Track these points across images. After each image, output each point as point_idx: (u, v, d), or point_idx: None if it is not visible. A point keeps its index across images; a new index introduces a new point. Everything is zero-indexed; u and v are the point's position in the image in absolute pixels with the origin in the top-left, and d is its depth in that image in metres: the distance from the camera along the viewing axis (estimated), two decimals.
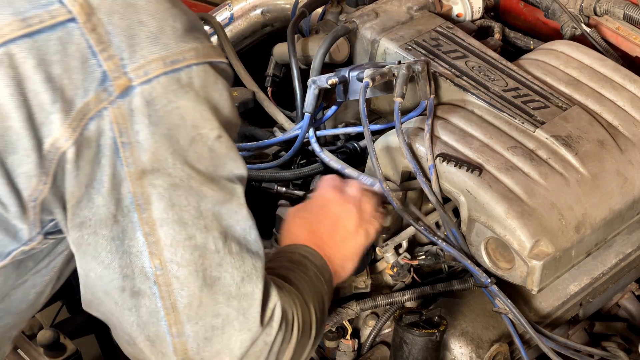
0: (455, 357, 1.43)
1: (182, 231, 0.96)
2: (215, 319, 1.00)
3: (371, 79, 1.44)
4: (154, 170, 0.94)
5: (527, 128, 1.45)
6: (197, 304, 0.99)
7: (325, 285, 1.21)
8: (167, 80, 0.93)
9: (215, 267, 0.99)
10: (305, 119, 1.56)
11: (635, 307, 1.71)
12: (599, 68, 1.62)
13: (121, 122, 0.92)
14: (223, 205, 0.99)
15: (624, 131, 1.50)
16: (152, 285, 0.98)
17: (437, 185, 1.39)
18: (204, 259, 0.98)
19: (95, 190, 0.94)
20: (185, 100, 0.95)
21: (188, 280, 0.98)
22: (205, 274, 0.98)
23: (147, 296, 0.98)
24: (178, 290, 0.98)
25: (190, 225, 0.97)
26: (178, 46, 0.95)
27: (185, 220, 0.96)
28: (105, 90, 0.91)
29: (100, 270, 0.98)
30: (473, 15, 1.83)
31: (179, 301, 0.98)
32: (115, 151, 0.93)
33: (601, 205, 1.40)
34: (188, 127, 0.95)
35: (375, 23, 1.68)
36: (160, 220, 0.96)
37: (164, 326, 1.00)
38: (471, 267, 1.38)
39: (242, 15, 2.05)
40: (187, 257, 0.97)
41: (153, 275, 0.97)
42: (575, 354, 1.45)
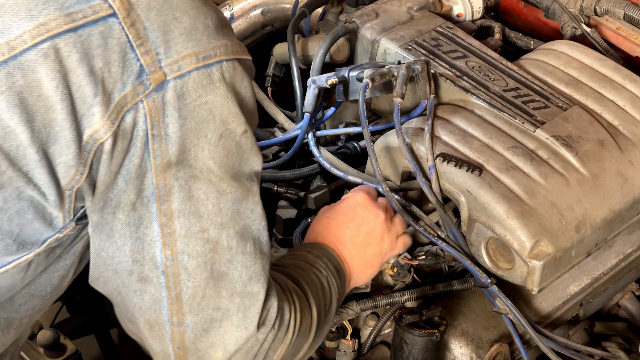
0: (455, 357, 1.43)
1: (197, 223, 0.99)
2: (215, 312, 1.03)
3: (371, 79, 1.44)
4: (178, 162, 0.97)
5: (527, 128, 1.45)
6: (201, 296, 1.01)
7: (336, 288, 1.24)
8: (198, 75, 0.96)
9: (225, 263, 1.01)
10: (305, 119, 1.56)
11: (636, 307, 1.71)
12: (600, 68, 1.62)
13: (154, 115, 0.95)
14: (241, 203, 1.02)
15: (624, 131, 1.50)
16: (160, 275, 1.00)
17: (437, 186, 1.39)
18: (214, 254, 1.00)
19: (120, 176, 0.97)
20: (215, 95, 0.98)
21: (196, 272, 1.00)
22: (214, 267, 1.01)
23: (154, 284, 1.01)
24: (185, 281, 1.00)
25: (206, 219, 0.99)
26: (210, 42, 0.98)
27: (201, 213, 0.99)
28: (142, 84, 0.94)
29: (112, 251, 1.01)
30: (473, 15, 1.83)
31: (184, 292, 1.01)
32: (146, 143, 0.95)
33: (601, 205, 1.40)
34: (217, 122, 0.98)
35: (376, 23, 1.67)
36: (178, 211, 0.98)
37: (166, 315, 1.03)
38: (471, 267, 1.38)
39: (242, 15, 2.05)
40: (199, 249, 1.00)
41: (162, 266, 1.00)
42: (576, 354, 1.45)
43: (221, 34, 1.00)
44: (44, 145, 0.94)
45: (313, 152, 1.56)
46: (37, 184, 0.95)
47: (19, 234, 0.99)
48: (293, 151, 1.61)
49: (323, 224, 1.34)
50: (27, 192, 0.96)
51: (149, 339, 1.07)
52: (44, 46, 0.91)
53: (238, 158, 1.01)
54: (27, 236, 1.00)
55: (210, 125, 0.98)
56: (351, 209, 1.36)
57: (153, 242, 1.00)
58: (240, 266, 1.03)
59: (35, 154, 0.93)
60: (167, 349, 1.06)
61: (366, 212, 1.35)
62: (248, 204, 1.03)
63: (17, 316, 1.13)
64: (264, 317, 1.06)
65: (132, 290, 1.03)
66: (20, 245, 1.00)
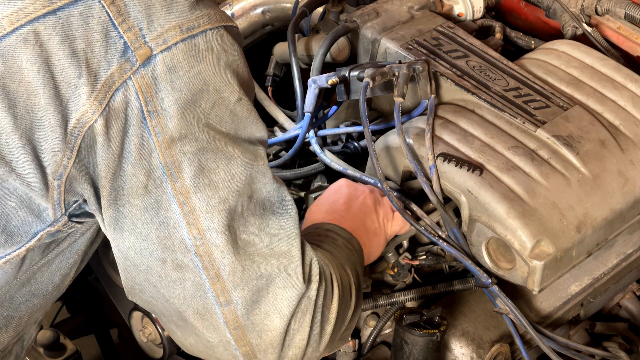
0: (456, 358, 1.43)
1: (215, 195, 0.98)
2: (259, 280, 1.02)
3: (371, 79, 1.44)
4: (181, 136, 0.96)
5: (528, 128, 1.45)
6: (241, 269, 1.00)
7: (356, 253, 1.23)
8: (185, 46, 0.95)
9: (243, 229, 1.01)
10: (305, 118, 1.56)
11: (637, 308, 1.70)
12: (600, 68, 1.61)
13: (146, 91, 0.94)
14: (252, 166, 1.01)
15: (625, 131, 1.50)
16: (194, 258, 0.99)
17: (438, 185, 1.39)
18: (234, 223, 1.00)
19: (125, 159, 0.96)
20: (206, 64, 0.97)
21: (227, 247, 0.99)
22: (238, 237, 1.00)
23: (191, 269, 1.00)
24: (220, 258, 0.99)
25: (222, 188, 0.98)
26: (192, 13, 0.97)
27: (216, 183, 0.98)
28: (128, 61, 0.93)
29: (139, 244, 1.00)
30: (474, 14, 1.83)
31: (222, 270, 1.00)
32: (143, 120, 0.94)
33: (602, 205, 1.40)
34: (210, 91, 0.97)
35: (376, 22, 1.67)
36: (193, 186, 0.97)
37: (212, 297, 1.01)
38: (472, 267, 1.38)
39: (243, 15, 2.05)
40: (224, 222, 0.99)
41: (193, 247, 0.99)
42: (576, 354, 1.44)
43: (202, 4, 0.99)
44: (27, 132, 0.93)
45: (314, 149, 1.56)
46: (21, 173, 0.94)
47: (6, 225, 0.98)
48: (294, 151, 1.61)
49: (316, 211, 1.33)
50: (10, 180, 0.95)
51: (204, 333, 1.05)
52: (23, 31, 0.90)
53: (234, 126, 1.00)
54: (14, 227, 0.99)
55: (204, 95, 0.97)
56: (336, 191, 1.36)
57: (177, 224, 0.98)
58: (256, 230, 1.02)
59: (18, 141, 0.93)
60: (225, 335, 1.04)
61: (351, 189, 1.36)
62: (259, 167, 1.02)
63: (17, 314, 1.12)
64: (307, 272, 1.05)
65: (171, 281, 1.02)
66: (9, 236, 0.99)
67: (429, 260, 1.48)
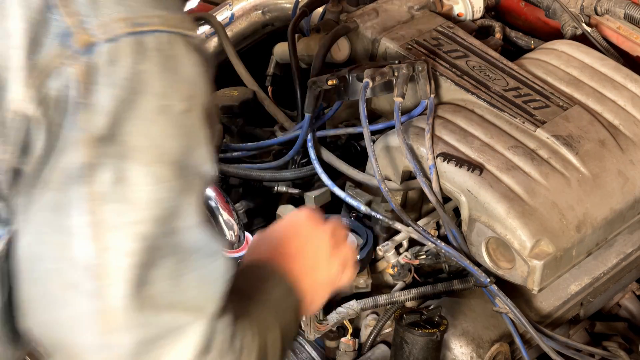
0: (456, 357, 1.43)
1: (130, 213, 0.85)
2: (151, 329, 0.87)
3: (371, 79, 1.44)
4: (108, 137, 0.85)
5: (527, 127, 1.45)
6: (135, 311, 0.85)
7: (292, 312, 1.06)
8: (132, 41, 0.87)
9: (155, 268, 0.86)
10: (305, 119, 1.56)
11: (636, 307, 1.70)
12: (600, 67, 1.62)
13: (82, 80, 0.85)
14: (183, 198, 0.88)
15: (625, 131, 1.50)
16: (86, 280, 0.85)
17: (438, 185, 1.39)
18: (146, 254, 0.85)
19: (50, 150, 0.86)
20: (151, 64, 0.87)
21: (129, 277, 0.84)
22: (145, 273, 0.86)
23: (79, 291, 0.86)
24: (115, 287, 0.84)
25: (141, 209, 0.85)
26: (144, 10, 0.89)
27: (135, 200, 0.85)
28: (67, 47, 0.85)
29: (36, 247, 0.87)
30: (474, 14, 1.83)
31: (113, 302, 0.85)
32: (73, 112, 0.85)
33: (602, 204, 1.40)
34: (151, 95, 0.87)
35: (376, 22, 1.67)
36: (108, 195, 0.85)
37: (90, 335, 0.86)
38: (470, 267, 1.38)
39: (243, 15, 2.05)
40: (133, 247, 0.85)
41: (90, 266, 0.85)
42: (576, 354, 1.44)
43: (161, 4, 0.91)
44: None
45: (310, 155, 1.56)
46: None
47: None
48: (294, 151, 1.61)
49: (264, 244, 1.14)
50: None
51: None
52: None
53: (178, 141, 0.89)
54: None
55: (146, 97, 0.86)
56: (294, 226, 1.17)
57: (79, 233, 0.85)
58: (169, 273, 0.87)
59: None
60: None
61: (310, 229, 1.16)
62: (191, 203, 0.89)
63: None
64: (209, 340, 0.89)
65: (52, 300, 0.87)
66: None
67: (428, 259, 1.49)
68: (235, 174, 1.65)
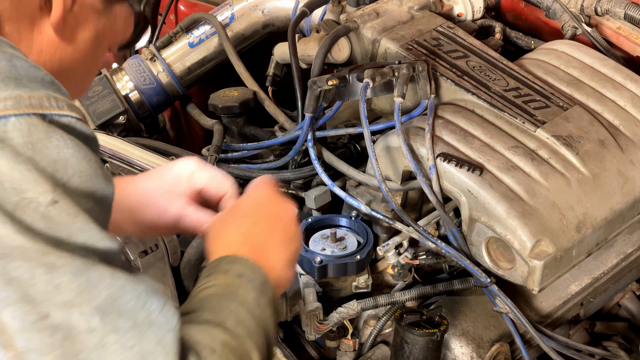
0: (456, 357, 1.43)
1: (32, 310, 0.77)
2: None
3: (371, 79, 1.44)
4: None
5: (528, 128, 1.45)
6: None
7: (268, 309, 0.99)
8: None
9: (95, 349, 0.78)
10: (305, 119, 1.56)
11: (636, 307, 1.71)
12: (600, 68, 1.62)
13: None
14: (87, 272, 0.80)
15: (625, 131, 1.50)
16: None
17: (438, 185, 1.39)
18: (73, 342, 0.78)
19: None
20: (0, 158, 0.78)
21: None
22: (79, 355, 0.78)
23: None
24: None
25: (42, 302, 0.77)
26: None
27: (32, 296, 0.77)
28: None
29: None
30: (474, 14, 1.83)
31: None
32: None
33: (602, 205, 1.40)
34: (7, 190, 0.78)
35: (376, 23, 1.68)
36: (1, 301, 0.77)
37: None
38: (471, 267, 1.38)
39: (243, 15, 2.06)
40: (48, 341, 0.77)
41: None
42: (576, 354, 1.45)
43: (13, 85, 0.82)
44: None
45: (311, 155, 1.56)
46: None
47: None
48: (294, 152, 1.61)
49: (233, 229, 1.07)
50: None
51: None
52: None
53: (53, 233, 0.80)
54: None
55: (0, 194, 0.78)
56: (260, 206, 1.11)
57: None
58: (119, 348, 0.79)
59: None
60: None
61: (278, 207, 1.11)
62: (99, 271, 0.80)
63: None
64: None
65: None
66: None
67: (429, 259, 1.49)
68: (236, 174, 1.65)
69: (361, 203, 1.47)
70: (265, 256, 1.03)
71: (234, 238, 1.05)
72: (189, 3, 2.32)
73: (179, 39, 2.04)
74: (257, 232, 1.06)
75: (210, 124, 1.88)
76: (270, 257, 1.03)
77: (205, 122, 1.92)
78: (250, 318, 0.94)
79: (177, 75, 2.02)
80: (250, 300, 0.96)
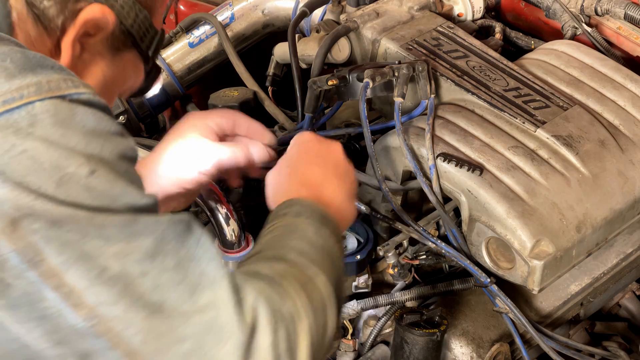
0: (456, 357, 1.43)
1: (91, 267, 0.83)
2: (183, 344, 0.85)
3: (371, 79, 1.44)
4: (25, 215, 0.82)
5: (528, 128, 1.45)
6: (155, 336, 0.84)
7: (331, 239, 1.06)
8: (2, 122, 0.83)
9: (153, 290, 0.85)
10: (305, 119, 1.56)
11: (636, 307, 1.71)
12: (600, 68, 1.62)
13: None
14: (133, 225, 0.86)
15: (625, 131, 1.50)
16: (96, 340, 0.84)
17: (438, 185, 1.39)
18: (133, 288, 0.84)
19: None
20: (33, 140, 0.84)
21: (129, 316, 0.84)
22: (145, 302, 0.85)
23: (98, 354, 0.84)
24: (125, 331, 0.84)
25: (98, 257, 0.84)
26: (10, 84, 0.85)
27: (87, 253, 0.83)
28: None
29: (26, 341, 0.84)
30: (474, 14, 1.83)
31: (132, 342, 0.84)
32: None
33: (602, 205, 1.40)
34: (47, 170, 0.84)
35: (376, 23, 1.68)
36: (62, 265, 0.82)
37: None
38: (470, 267, 1.38)
39: (243, 15, 2.05)
40: (113, 291, 0.84)
41: (90, 329, 0.83)
42: (576, 354, 1.45)
43: (29, 72, 0.87)
44: None
45: None
46: None
47: None
48: None
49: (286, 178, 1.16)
50: None
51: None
52: None
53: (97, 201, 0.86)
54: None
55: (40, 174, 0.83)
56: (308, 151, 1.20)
57: (59, 311, 0.82)
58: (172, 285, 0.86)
59: None
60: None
61: (324, 148, 1.20)
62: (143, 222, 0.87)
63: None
64: (249, 318, 0.88)
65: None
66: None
67: (429, 259, 1.49)
68: None
69: (361, 203, 1.47)
70: (321, 193, 1.12)
71: (290, 184, 1.14)
72: (189, 3, 2.32)
73: (179, 39, 2.04)
74: (310, 173, 1.15)
75: None
76: (326, 193, 1.13)
77: None
78: (311, 248, 1.01)
79: (177, 75, 2.02)
80: (310, 234, 1.03)
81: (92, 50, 1.04)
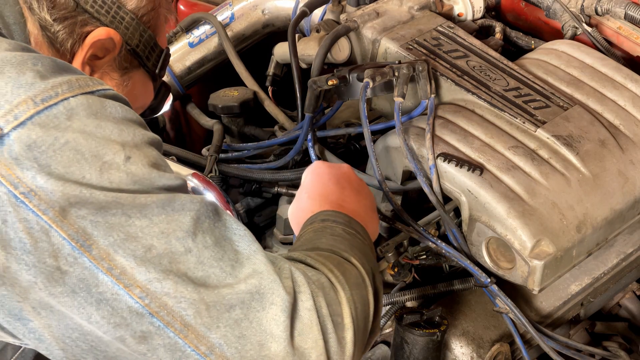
0: (456, 357, 1.43)
1: (138, 247, 0.89)
2: (232, 312, 0.91)
3: (371, 79, 1.44)
4: (72, 204, 0.88)
5: (528, 128, 1.45)
6: (205, 307, 0.90)
7: (359, 236, 1.13)
8: (42, 119, 0.89)
9: (197, 266, 0.91)
10: (305, 119, 1.56)
11: (637, 307, 1.71)
12: (600, 68, 1.62)
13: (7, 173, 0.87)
14: (171, 203, 0.92)
15: (625, 131, 1.50)
16: (152, 319, 0.89)
17: (438, 185, 1.39)
18: (179, 265, 0.90)
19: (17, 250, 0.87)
20: (72, 132, 0.89)
21: (179, 290, 0.90)
22: (190, 276, 0.91)
23: (155, 334, 0.90)
24: (177, 305, 0.90)
25: (143, 237, 0.90)
26: (46, 83, 0.91)
27: (134, 234, 0.89)
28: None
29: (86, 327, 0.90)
30: (474, 14, 1.83)
31: (185, 316, 0.90)
32: (20, 205, 0.86)
33: (602, 205, 1.40)
34: (89, 159, 0.90)
35: (376, 23, 1.67)
36: (111, 247, 0.88)
37: (192, 351, 0.90)
38: (470, 267, 1.38)
39: (243, 15, 2.05)
40: (161, 269, 0.89)
41: (145, 309, 0.89)
42: (577, 354, 1.45)
43: (59, 73, 0.93)
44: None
45: (311, 156, 1.56)
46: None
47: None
48: (294, 152, 1.61)
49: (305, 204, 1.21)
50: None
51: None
52: None
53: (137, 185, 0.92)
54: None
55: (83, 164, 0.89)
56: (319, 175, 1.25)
57: (115, 293, 0.88)
58: (214, 261, 0.92)
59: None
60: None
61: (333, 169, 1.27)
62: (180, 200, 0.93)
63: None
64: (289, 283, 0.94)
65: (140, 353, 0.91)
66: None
67: (429, 259, 1.49)
68: (236, 174, 1.65)
69: None
70: (343, 207, 1.18)
71: (312, 206, 1.19)
72: (189, 3, 2.32)
73: (179, 38, 2.04)
74: (329, 192, 1.21)
75: (210, 124, 1.88)
76: (348, 207, 1.18)
77: (205, 122, 1.92)
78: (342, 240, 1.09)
79: (177, 75, 2.02)
80: (339, 231, 1.11)
81: (102, 72, 1.12)
